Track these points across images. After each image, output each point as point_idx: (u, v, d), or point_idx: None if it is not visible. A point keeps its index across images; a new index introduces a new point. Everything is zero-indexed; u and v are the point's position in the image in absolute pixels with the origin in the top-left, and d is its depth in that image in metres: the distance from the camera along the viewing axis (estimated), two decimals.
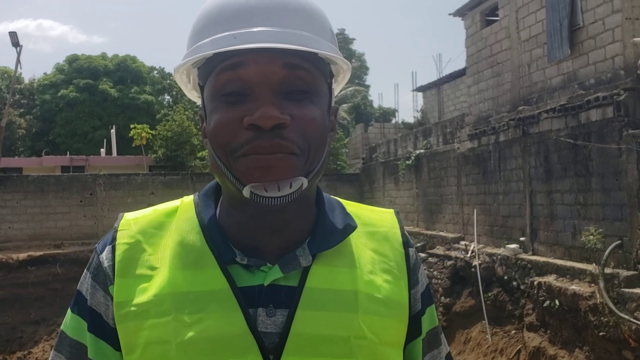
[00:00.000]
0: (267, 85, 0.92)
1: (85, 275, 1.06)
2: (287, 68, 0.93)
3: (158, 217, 1.07)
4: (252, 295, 0.96)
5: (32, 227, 17.36)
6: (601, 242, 8.64)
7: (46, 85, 34.74)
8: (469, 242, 12.50)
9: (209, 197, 1.08)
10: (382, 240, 1.10)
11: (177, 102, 35.93)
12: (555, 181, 9.99)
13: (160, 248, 1.02)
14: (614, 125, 8.58)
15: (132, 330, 0.96)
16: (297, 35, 0.94)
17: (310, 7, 1.00)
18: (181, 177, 19.27)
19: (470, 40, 13.83)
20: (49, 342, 14.43)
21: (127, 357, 0.97)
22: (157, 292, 0.97)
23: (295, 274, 0.98)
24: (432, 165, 15.11)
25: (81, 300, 1.04)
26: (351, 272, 1.01)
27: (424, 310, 1.12)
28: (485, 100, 13.09)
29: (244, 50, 0.91)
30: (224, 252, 0.98)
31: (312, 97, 0.96)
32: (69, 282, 15.62)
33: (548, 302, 9.02)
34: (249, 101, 0.93)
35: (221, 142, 0.95)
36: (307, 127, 0.94)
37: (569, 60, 10.27)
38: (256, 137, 0.91)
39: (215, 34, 0.94)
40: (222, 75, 0.95)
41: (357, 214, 1.12)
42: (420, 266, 1.14)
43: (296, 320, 0.94)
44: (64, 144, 32.50)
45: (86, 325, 1.02)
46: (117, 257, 1.02)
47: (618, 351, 7.90)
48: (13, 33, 20.18)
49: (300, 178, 0.94)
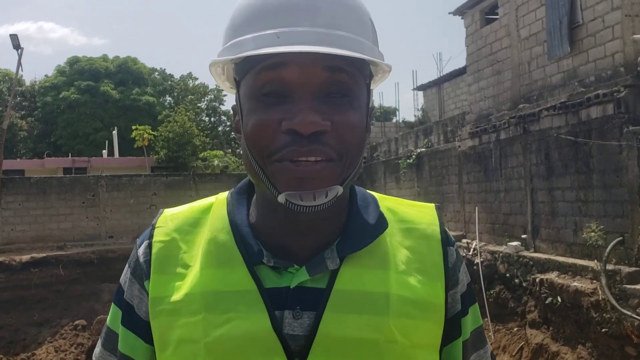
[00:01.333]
0: (308, 88, 0.90)
1: (126, 268, 1.08)
2: (328, 71, 0.90)
3: (193, 213, 1.08)
4: (279, 296, 0.95)
5: (34, 228, 17.38)
6: (602, 239, 8.65)
7: (47, 87, 34.77)
8: (470, 240, 12.52)
9: (241, 195, 1.07)
10: (420, 239, 1.06)
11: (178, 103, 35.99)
12: (556, 178, 10.00)
13: (194, 246, 1.03)
14: (615, 122, 8.59)
15: (165, 327, 0.98)
16: (341, 37, 0.90)
17: (356, 7, 0.97)
18: (183, 178, 19.29)
19: (470, 39, 13.84)
20: (52, 344, 14.44)
21: (160, 353, 0.99)
22: (189, 291, 0.97)
23: (324, 276, 0.96)
24: (433, 163, 15.12)
25: (120, 292, 1.07)
26: (383, 274, 0.99)
27: (465, 310, 1.09)
28: (486, 99, 13.10)
29: (287, 51, 0.88)
30: (251, 252, 0.97)
31: (352, 100, 0.94)
32: (71, 284, 15.66)
33: (550, 299, 9.03)
34: (288, 103, 0.90)
35: (258, 145, 0.93)
36: (346, 134, 0.92)
37: (569, 58, 10.28)
38: (294, 142, 0.89)
39: (257, 31, 0.91)
40: (262, 74, 0.92)
41: (394, 209, 1.09)
42: (461, 265, 1.10)
43: (323, 322, 0.93)
44: (65, 145, 32.52)
45: (121, 315, 1.05)
46: (154, 255, 1.03)
47: (620, 347, 7.90)
48: (14, 35, 20.21)
49: (336, 187, 0.92)
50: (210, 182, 19.26)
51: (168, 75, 40.44)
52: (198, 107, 38.70)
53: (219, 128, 40.45)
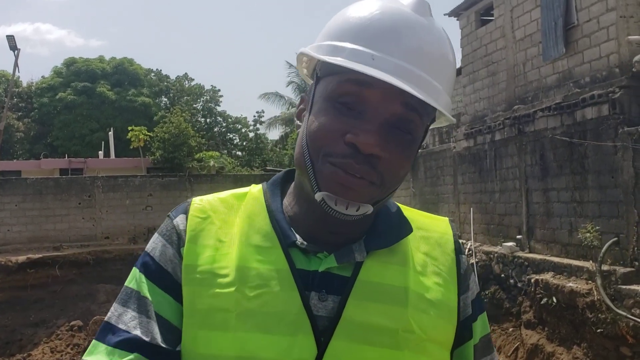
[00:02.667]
0: (382, 114, 0.95)
1: (155, 238, 1.10)
2: (404, 106, 0.96)
3: (229, 198, 1.13)
4: (307, 278, 1.00)
5: (30, 229, 17.35)
6: (598, 239, 8.68)
7: (44, 88, 34.75)
8: (465, 241, 12.53)
9: (275, 186, 1.13)
10: (435, 245, 1.13)
11: (174, 104, 35.97)
12: (551, 179, 10.02)
13: (229, 225, 1.08)
14: (610, 123, 8.62)
15: (196, 295, 1.01)
16: (428, 82, 0.96)
17: (448, 55, 1.02)
18: (179, 179, 19.26)
19: (465, 40, 13.87)
20: (49, 345, 14.42)
21: (187, 319, 1.01)
22: (223, 265, 1.02)
23: (349, 266, 1.02)
24: (429, 164, 15.15)
25: (148, 259, 1.08)
26: (403, 270, 1.05)
27: (475, 316, 1.14)
28: (481, 100, 13.13)
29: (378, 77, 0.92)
30: (286, 235, 1.03)
31: (412, 140, 1.00)
32: (68, 284, 15.64)
33: (545, 299, 9.05)
34: (359, 117, 0.95)
35: (318, 144, 0.98)
36: (397, 168, 0.98)
37: (564, 59, 10.31)
38: (351, 156, 0.94)
39: (357, 43, 0.96)
40: (345, 84, 0.96)
41: (411, 218, 1.15)
42: (472, 274, 1.17)
43: (348, 306, 0.98)
44: (62, 146, 32.50)
45: (153, 281, 1.05)
46: (190, 226, 1.07)
47: (616, 348, 7.92)
48: (10, 37, 20.21)
49: (368, 206, 0.98)
50: (206, 183, 19.24)
51: (164, 76, 40.44)
52: (194, 108, 38.71)
53: (215, 129, 40.44)
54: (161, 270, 1.06)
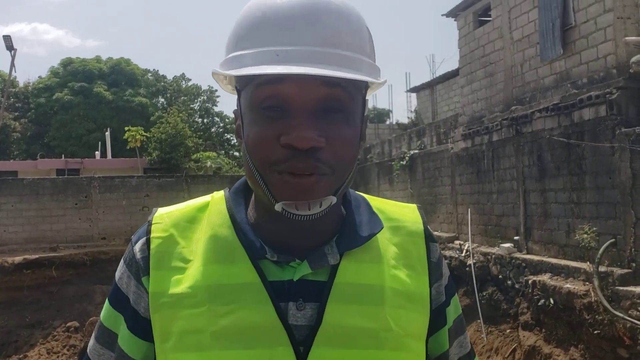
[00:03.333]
0: (305, 104, 0.93)
1: (121, 265, 1.09)
2: (326, 86, 0.94)
3: (190, 211, 1.10)
4: (282, 289, 0.99)
5: (27, 230, 17.35)
6: (595, 241, 8.68)
7: (41, 88, 34.71)
8: (463, 242, 12.54)
9: (238, 194, 1.10)
10: (406, 235, 1.12)
11: (171, 105, 35.94)
12: (548, 180, 10.03)
13: (193, 241, 1.05)
14: (607, 124, 8.62)
15: (167, 320, 0.99)
16: (339, 55, 0.94)
17: (353, 19, 0.99)
18: (175, 180, 19.26)
19: (463, 41, 13.87)
20: (45, 346, 14.41)
21: (161, 345, 1.00)
22: (192, 284, 1.00)
23: (324, 270, 1.01)
24: (426, 165, 15.15)
25: (116, 291, 1.08)
26: (377, 267, 1.04)
27: (448, 301, 1.15)
28: (479, 100, 13.13)
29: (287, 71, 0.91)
30: (254, 247, 1.01)
31: (347, 116, 0.97)
32: (64, 285, 15.62)
33: (543, 300, 9.05)
34: (287, 117, 0.94)
35: (259, 156, 0.96)
36: (340, 150, 0.96)
37: (561, 60, 10.32)
38: (292, 157, 0.93)
39: (258, 46, 0.94)
40: (261, 89, 0.95)
41: (381, 209, 1.14)
42: (443, 261, 1.17)
43: (327, 312, 0.97)
44: (59, 147, 32.47)
45: (119, 314, 1.07)
46: (152, 250, 1.05)
47: (613, 349, 7.92)
48: (7, 37, 20.19)
49: (330, 197, 0.97)
50: (203, 183, 19.25)
51: (161, 77, 40.43)
52: (191, 108, 38.69)
53: (212, 129, 40.43)
54: (127, 304, 1.06)
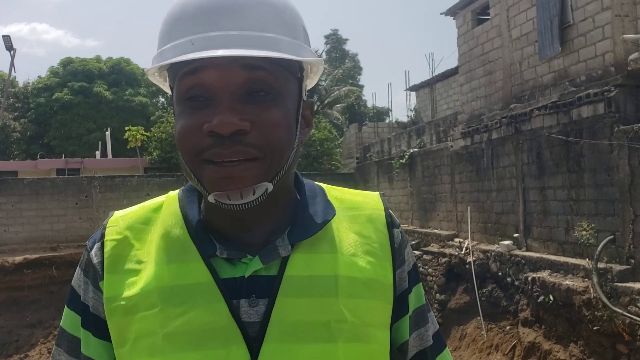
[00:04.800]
0: (228, 89, 0.92)
1: (77, 271, 1.09)
2: (247, 69, 0.93)
3: (145, 212, 1.10)
4: (235, 286, 0.97)
5: (27, 230, 17.34)
6: (594, 237, 8.70)
7: (40, 88, 34.65)
8: (463, 239, 12.56)
9: (192, 192, 1.09)
10: (366, 223, 1.10)
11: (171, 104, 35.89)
12: (547, 177, 10.05)
13: (147, 243, 1.04)
14: (605, 122, 8.64)
15: (122, 324, 0.99)
16: (257, 37, 0.93)
17: (276, 2, 0.98)
18: (176, 179, 19.26)
19: (462, 39, 13.89)
20: (46, 345, 14.43)
21: (117, 350, 1.00)
22: (144, 286, 0.99)
23: (275, 264, 0.99)
24: (426, 163, 15.17)
25: (74, 296, 1.08)
26: (332, 257, 1.02)
27: (410, 288, 1.12)
28: (478, 99, 13.15)
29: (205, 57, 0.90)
30: (206, 245, 1.00)
31: (274, 97, 0.95)
32: (65, 285, 15.61)
33: (542, 297, 9.07)
34: (211, 106, 0.93)
35: (185, 148, 0.96)
36: (269, 131, 0.94)
37: (559, 58, 10.34)
38: (216, 144, 0.92)
39: (177, 39, 0.94)
40: (184, 80, 0.95)
41: (340, 198, 1.13)
42: (407, 246, 1.13)
43: (276, 308, 0.96)
44: (59, 147, 32.43)
45: (80, 319, 1.06)
46: (106, 254, 1.04)
47: (612, 345, 7.95)
48: (7, 37, 20.21)
49: (264, 184, 0.95)
50: None
51: None
52: None
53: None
54: (84, 309, 1.06)
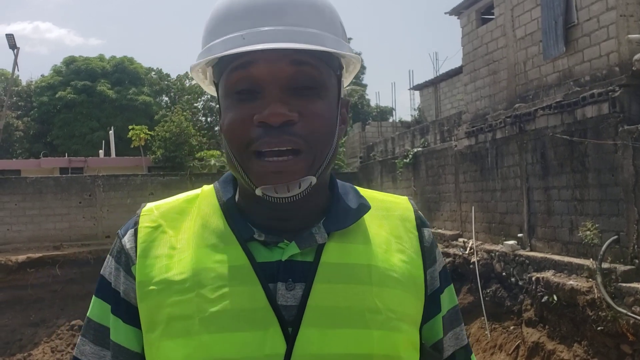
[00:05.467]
0: (276, 83, 0.96)
1: (108, 259, 1.10)
2: (294, 64, 0.96)
3: (179, 203, 1.12)
4: (271, 270, 0.99)
5: (30, 228, 17.34)
6: (598, 238, 8.68)
7: (44, 87, 34.69)
8: (467, 239, 12.55)
9: (227, 183, 1.12)
10: (397, 223, 1.13)
11: (175, 103, 35.94)
12: (552, 177, 10.03)
13: (182, 230, 1.06)
14: (610, 122, 8.63)
15: (153, 308, 1.00)
16: (303, 32, 0.97)
17: (318, 1, 1.02)
18: (180, 178, 19.28)
19: (466, 39, 13.87)
20: (49, 344, 14.45)
21: (147, 334, 1.01)
22: (180, 271, 1.01)
23: (311, 251, 1.02)
24: (430, 163, 15.15)
25: (104, 284, 1.09)
26: (365, 248, 1.05)
27: (442, 289, 1.14)
28: (482, 98, 13.13)
29: (254, 50, 0.94)
30: (243, 230, 1.03)
31: (319, 91, 0.99)
32: (68, 284, 15.64)
33: (546, 297, 9.06)
34: (260, 98, 0.96)
35: (234, 140, 0.99)
36: (313, 123, 0.97)
37: (564, 58, 10.31)
38: (265, 134, 0.95)
39: (226, 34, 0.98)
40: (233, 73, 0.98)
41: (370, 197, 1.15)
42: (437, 247, 1.16)
43: (312, 293, 0.98)
44: (62, 145, 32.46)
45: (110, 307, 1.06)
46: (139, 240, 1.06)
47: (616, 345, 7.93)
48: (10, 35, 20.20)
49: (309, 177, 0.98)
50: (207, 181, 18.72)
51: (164, 75, 40.38)
52: (194, 107, 38.63)
53: (216, 128, 40.36)
54: (115, 295, 1.06)
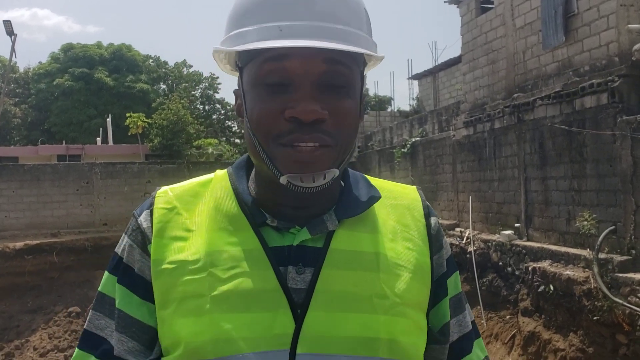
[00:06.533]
0: (309, 79, 0.97)
1: (122, 238, 1.12)
2: (328, 63, 0.97)
3: (193, 187, 1.14)
4: (282, 254, 1.02)
5: (28, 216, 17.35)
6: (595, 228, 8.69)
7: (41, 74, 34.61)
8: (464, 229, 12.56)
9: (240, 169, 1.14)
10: (404, 211, 1.15)
11: (172, 91, 35.85)
12: (549, 167, 10.03)
13: (196, 213, 1.09)
14: (608, 112, 8.61)
15: (167, 286, 1.02)
16: (339, 30, 0.98)
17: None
18: (177, 166, 19.26)
19: (465, 28, 13.83)
20: (47, 331, 14.48)
21: (160, 311, 1.03)
22: (194, 251, 1.03)
23: (321, 237, 1.04)
24: (428, 152, 15.14)
25: (116, 260, 1.11)
26: (374, 237, 1.07)
27: (449, 273, 1.17)
28: (481, 88, 13.10)
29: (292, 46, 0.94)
30: (256, 215, 1.05)
31: (348, 90, 1.01)
32: (65, 271, 15.67)
33: (542, 287, 9.08)
34: (291, 92, 0.97)
35: (263, 130, 1.00)
36: (342, 121, 1.00)
37: (563, 47, 10.28)
38: (296, 129, 0.97)
39: (260, 22, 0.98)
40: (266, 64, 0.98)
41: (380, 186, 1.17)
42: (443, 235, 1.18)
43: (321, 277, 1.01)
44: (59, 133, 32.43)
45: (116, 279, 1.09)
46: (155, 220, 1.08)
47: (612, 335, 7.96)
48: (7, 22, 20.12)
49: (333, 170, 1.01)
50: (205, 170, 19.17)
51: (162, 63, 40.27)
52: (192, 95, 38.56)
53: (213, 116, 40.33)
54: (129, 270, 1.08)
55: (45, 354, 13.98)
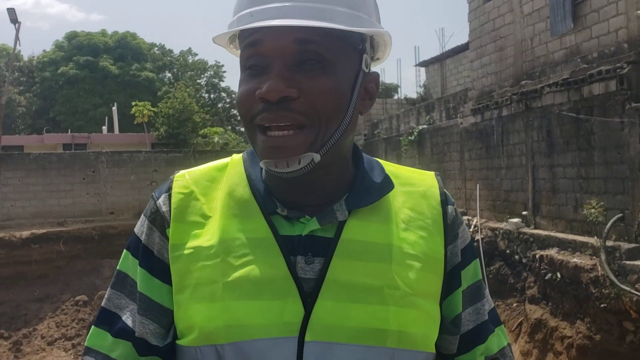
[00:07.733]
0: (280, 59, 0.97)
1: (142, 220, 1.14)
2: (299, 43, 0.97)
3: (210, 171, 1.16)
4: (292, 243, 1.03)
5: (34, 205, 17.40)
6: (603, 215, 8.66)
7: (45, 62, 34.61)
8: (471, 217, 12.54)
9: (254, 155, 1.13)
10: (420, 199, 1.14)
11: (178, 79, 35.81)
12: (557, 155, 9.98)
13: (212, 198, 1.11)
14: (617, 99, 8.55)
15: (184, 271, 1.05)
16: (309, 8, 0.96)
17: None
18: (183, 155, 19.28)
19: (473, 15, 13.73)
20: (54, 319, 14.55)
21: (177, 295, 1.05)
22: (209, 238, 1.05)
23: (332, 227, 1.05)
24: (435, 140, 15.10)
25: (135, 241, 1.13)
26: (386, 227, 1.07)
27: (464, 263, 1.15)
28: (488, 75, 13.03)
29: (260, 27, 0.96)
30: (267, 203, 1.06)
31: (324, 67, 0.99)
32: (72, 260, 15.72)
33: (550, 275, 9.07)
34: (265, 74, 0.98)
35: (242, 112, 1.03)
36: (315, 99, 0.98)
37: (571, 34, 10.20)
38: (264, 109, 0.98)
39: (240, 10, 1.01)
40: (246, 50, 1.02)
41: (396, 173, 1.17)
42: (462, 224, 1.17)
43: (331, 267, 1.01)
44: (64, 121, 32.47)
45: (138, 262, 1.11)
46: (174, 204, 1.10)
47: (619, 322, 7.95)
48: (11, 9, 20.07)
49: (309, 154, 0.99)
50: (211, 158, 18.60)
51: (167, 51, 40.26)
52: (198, 83, 38.53)
53: (219, 105, 40.34)
54: (149, 253, 1.10)
55: (53, 343, 14.06)
